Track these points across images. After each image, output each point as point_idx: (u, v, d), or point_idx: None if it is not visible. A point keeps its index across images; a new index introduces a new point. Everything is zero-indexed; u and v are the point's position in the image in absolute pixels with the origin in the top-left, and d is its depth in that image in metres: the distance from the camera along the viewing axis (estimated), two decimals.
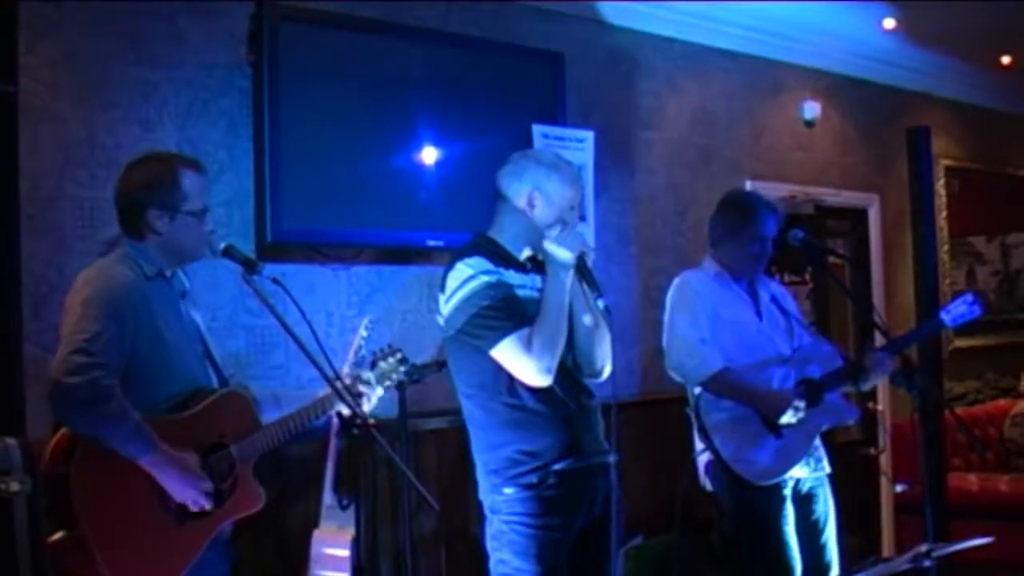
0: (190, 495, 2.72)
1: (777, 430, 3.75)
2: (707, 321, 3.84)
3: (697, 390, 3.83)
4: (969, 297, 4.02)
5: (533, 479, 2.98)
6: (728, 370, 3.77)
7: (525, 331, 2.94)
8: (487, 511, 3.08)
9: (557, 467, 2.99)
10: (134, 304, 2.72)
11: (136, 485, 2.65)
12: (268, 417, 3.02)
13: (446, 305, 3.04)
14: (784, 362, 3.88)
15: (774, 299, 4.04)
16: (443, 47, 4.54)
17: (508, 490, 3.00)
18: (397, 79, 4.35)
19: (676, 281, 3.97)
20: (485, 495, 3.08)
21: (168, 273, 2.91)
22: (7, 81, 3.28)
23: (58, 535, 2.57)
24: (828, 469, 3.95)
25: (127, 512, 2.64)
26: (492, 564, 3.04)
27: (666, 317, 3.95)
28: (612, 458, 3.13)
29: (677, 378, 3.89)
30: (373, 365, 3.32)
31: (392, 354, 3.35)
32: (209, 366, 3.00)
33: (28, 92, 3.50)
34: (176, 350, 2.83)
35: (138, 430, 2.62)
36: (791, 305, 4.14)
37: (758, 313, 3.95)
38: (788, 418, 3.70)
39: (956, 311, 3.97)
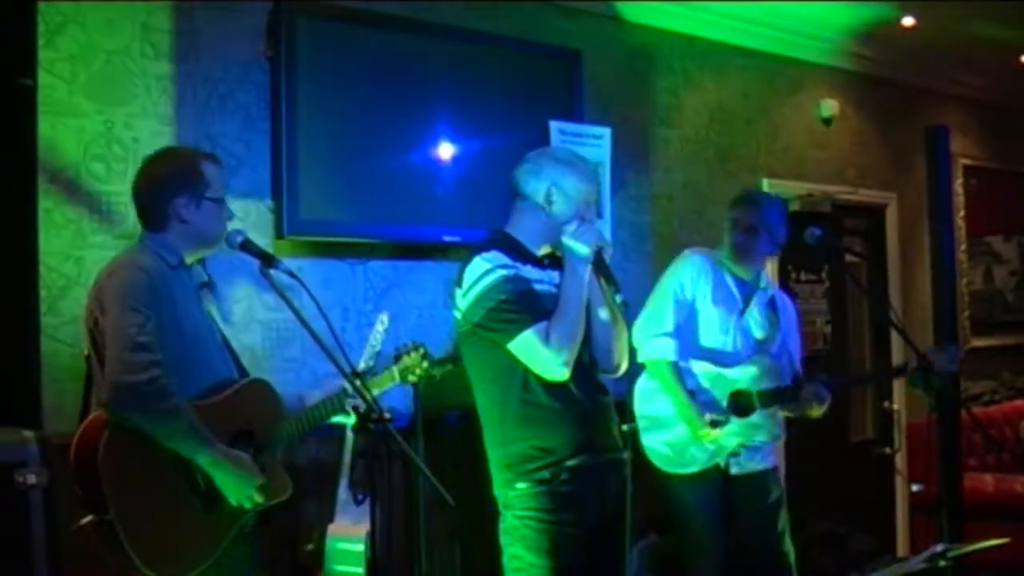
0: (245, 494, 2.74)
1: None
2: (683, 305, 3.88)
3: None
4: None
5: (546, 475, 2.97)
6: (675, 365, 3.81)
7: (543, 324, 2.94)
8: (500, 506, 3.08)
9: (570, 463, 2.98)
10: (160, 293, 2.72)
11: (164, 471, 2.65)
12: None
13: (463, 299, 3.03)
14: (738, 363, 3.90)
15: (773, 304, 4.03)
16: (461, 43, 4.53)
17: (521, 485, 2.99)
18: (414, 75, 4.35)
19: (681, 255, 4.02)
20: (498, 490, 3.08)
21: (188, 263, 2.93)
22: (25, 75, 3.30)
23: (88, 519, 2.58)
24: (774, 436, 3.97)
25: (156, 498, 2.64)
26: (505, 559, 3.04)
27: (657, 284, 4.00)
28: (626, 455, 3.13)
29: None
30: (396, 359, 3.33)
31: (415, 349, 3.35)
32: (229, 357, 3.01)
33: (46, 86, 3.51)
34: (197, 341, 2.83)
35: (195, 428, 2.64)
36: (789, 319, 4.12)
37: (741, 311, 3.96)
38: (705, 429, 3.73)
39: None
